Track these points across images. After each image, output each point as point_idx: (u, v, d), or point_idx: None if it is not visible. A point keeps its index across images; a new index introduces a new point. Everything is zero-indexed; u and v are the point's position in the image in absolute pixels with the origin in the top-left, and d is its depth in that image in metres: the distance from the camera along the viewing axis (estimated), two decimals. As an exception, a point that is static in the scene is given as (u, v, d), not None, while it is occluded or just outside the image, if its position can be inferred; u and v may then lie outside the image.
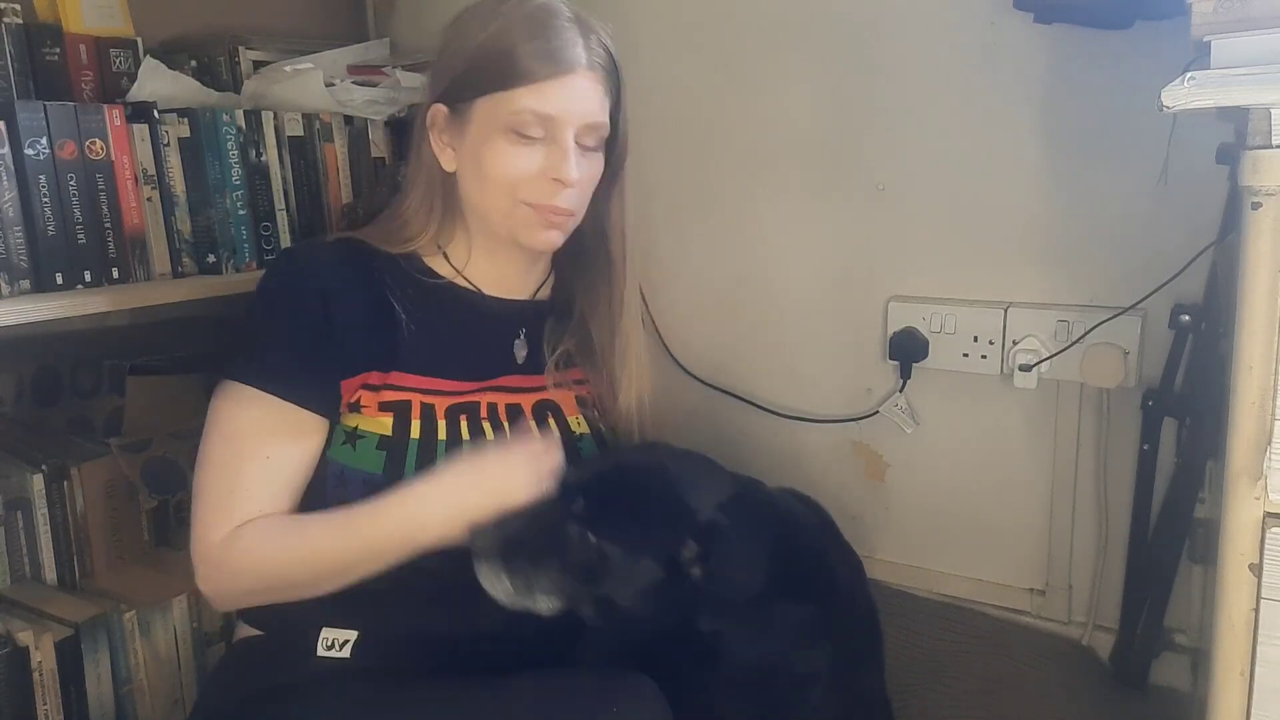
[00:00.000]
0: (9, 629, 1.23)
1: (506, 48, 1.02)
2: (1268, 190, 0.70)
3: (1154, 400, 1.30)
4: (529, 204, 1.05)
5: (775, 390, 1.64)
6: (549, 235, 1.09)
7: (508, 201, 1.06)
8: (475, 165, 1.06)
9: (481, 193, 1.07)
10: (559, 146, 1.04)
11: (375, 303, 1.05)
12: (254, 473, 0.99)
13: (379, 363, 1.04)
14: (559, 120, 1.03)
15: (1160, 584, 1.30)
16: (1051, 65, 1.32)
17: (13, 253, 1.18)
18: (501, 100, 1.03)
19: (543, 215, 1.06)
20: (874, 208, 1.50)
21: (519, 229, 1.08)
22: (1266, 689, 0.75)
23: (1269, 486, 0.73)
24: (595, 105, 1.06)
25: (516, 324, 1.16)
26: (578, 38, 1.04)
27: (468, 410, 1.08)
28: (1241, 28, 0.73)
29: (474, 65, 1.04)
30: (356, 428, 1.04)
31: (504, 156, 1.04)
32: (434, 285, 1.11)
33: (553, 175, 1.04)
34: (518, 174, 1.04)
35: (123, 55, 1.41)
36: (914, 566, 1.57)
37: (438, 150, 1.09)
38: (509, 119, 1.03)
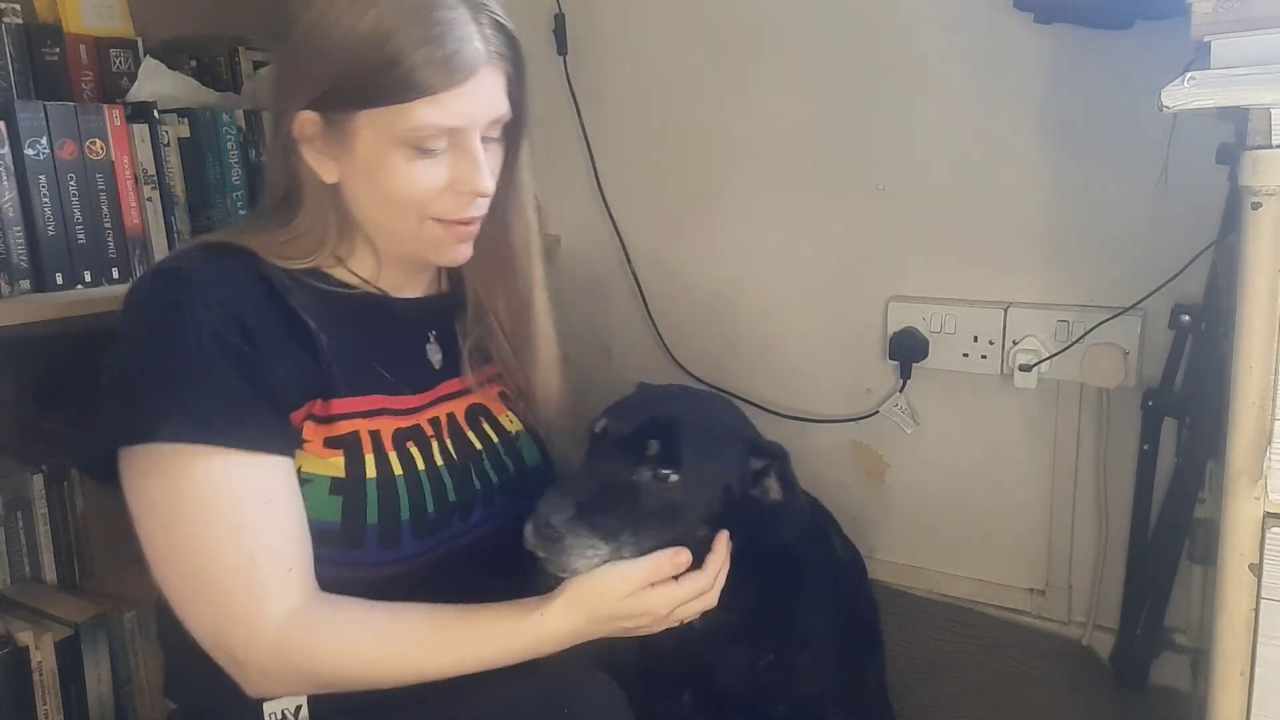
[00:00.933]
0: (9, 629, 1.23)
1: (392, 55, 0.84)
2: (1268, 190, 0.70)
3: (1154, 400, 1.30)
4: (439, 220, 0.93)
5: (775, 390, 1.64)
6: (461, 250, 0.97)
7: (414, 221, 0.92)
8: (369, 183, 0.91)
9: (381, 211, 0.93)
10: (468, 155, 0.90)
11: (287, 316, 0.89)
12: (262, 526, 0.83)
13: (318, 389, 0.90)
14: (465, 129, 0.89)
15: (1160, 584, 1.30)
16: (1051, 65, 1.32)
17: (13, 253, 1.18)
18: (394, 115, 0.86)
19: (453, 231, 0.94)
20: (874, 208, 1.50)
21: (427, 248, 0.95)
22: (1266, 689, 0.75)
23: (1269, 486, 0.73)
24: (499, 99, 0.92)
25: (425, 325, 1.04)
26: (471, 26, 0.88)
27: (413, 435, 0.96)
28: (1241, 28, 0.73)
29: (351, 73, 0.86)
30: (301, 469, 0.88)
31: (405, 175, 0.89)
32: (337, 294, 0.95)
33: (465, 189, 0.91)
34: (424, 192, 0.90)
35: (123, 55, 1.41)
36: (914, 566, 1.57)
37: (314, 163, 0.91)
38: (406, 135, 0.87)
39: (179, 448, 0.81)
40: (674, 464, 0.89)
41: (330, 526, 0.88)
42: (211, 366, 0.83)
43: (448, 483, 0.96)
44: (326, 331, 0.90)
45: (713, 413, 0.98)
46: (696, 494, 0.90)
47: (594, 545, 0.86)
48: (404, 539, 0.91)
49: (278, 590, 0.82)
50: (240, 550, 0.82)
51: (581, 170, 1.74)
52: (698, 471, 0.90)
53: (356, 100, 0.87)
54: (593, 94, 1.71)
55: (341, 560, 0.88)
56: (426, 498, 0.94)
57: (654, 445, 0.89)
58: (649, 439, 0.90)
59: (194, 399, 0.82)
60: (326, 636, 0.83)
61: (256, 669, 0.83)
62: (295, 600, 0.83)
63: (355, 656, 0.84)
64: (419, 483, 0.94)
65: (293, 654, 0.83)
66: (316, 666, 0.83)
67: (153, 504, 0.83)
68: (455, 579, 0.93)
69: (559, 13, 1.68)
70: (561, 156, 1.76)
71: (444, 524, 0.95)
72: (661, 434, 0.90)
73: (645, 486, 0.89)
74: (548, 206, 1.83)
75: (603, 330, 1.81)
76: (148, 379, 0.83)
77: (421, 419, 0.98)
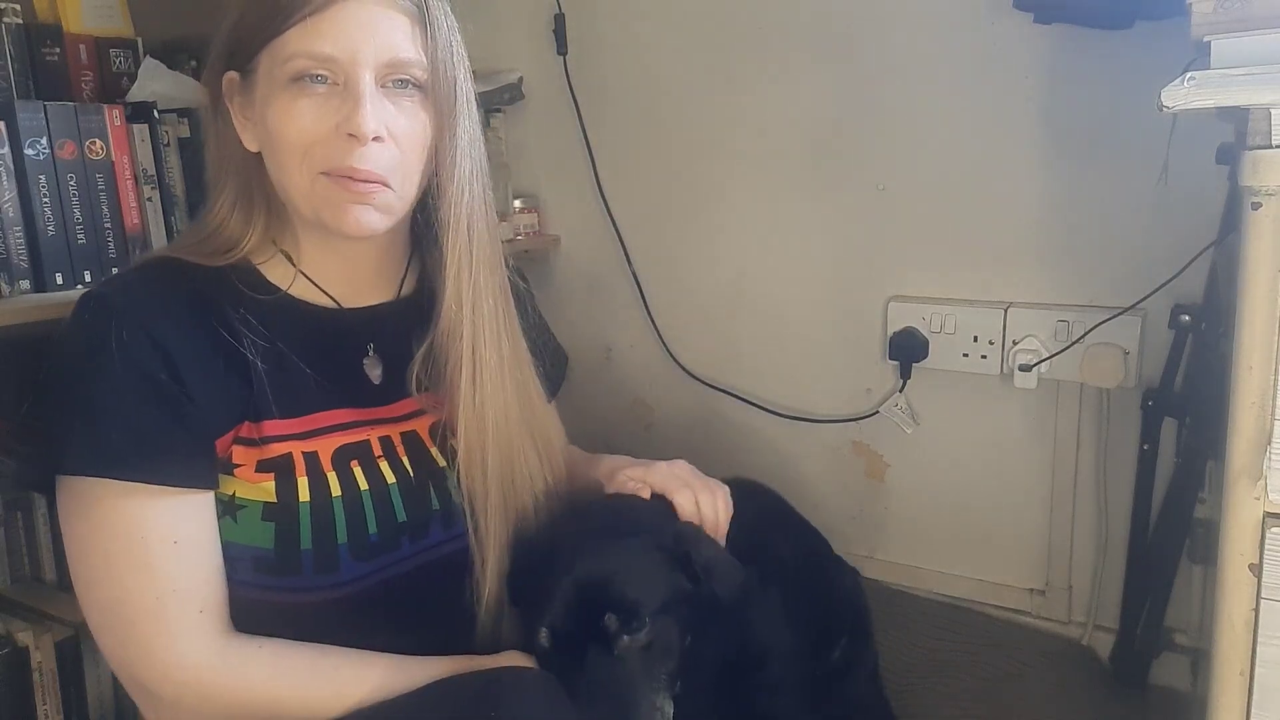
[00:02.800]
0: (9, 629, 1.23)
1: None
2: (1268, 190, 0.70)
3: (1154, 400, 1.30)
4: (324, 172, 0.84)
5: (775, 390, 1.64)
6: (359, 214, 0.86)
7: (303, 173, 0.85)
8: (265, 135, 0.86)
9: (277, 169, 0.86)
10: (351, 94, 0.82)
11: (217, 340, 0.85)
12: (170, 567, 0.80)
13: (246, 411, 0.86)
14: (343, 60, 0.82)
15: (1160, 584, 1.30)
16: (1051, 65, 1.32)
17: (13, 253, 1.18)
18: (276, 50, 0.83)
19: (344, 187, 0.84)
20: (874, 207, 1.50)
21: (322, 207, 0.86)
22: (1266, 689, 0.75)
23: (1269, 486, 0.73)
24: (395, 38, 0.84)
25: (364, 338, 0.95)
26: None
27: (359, 453, 0.90)
28: (1241, 28, 0.73)
29: (244, 12, 0.85)
30: (235, 495, 0.85)
31: (286, 114, 0.83)
32: (275, 302, 0.90)
33: (344, 129, 0.82)
34: (304, 133, 0.83)
35: (123, 55, 1.41)
36: (914, 566, 1.57)
37: (240, 128, 0.87)
38: (286, 69, 0.83)
39: (91, 481, 0.79)
40: (635, 622, 0.87)
41: (265, 553, 0.85)
42: (127, 399, 0.80)
43: (396, 503, 0.91)
44: (260, 349, 0.86)
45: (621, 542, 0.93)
46: (666, 617, 0.89)
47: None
48: (342, 563, 0.87)
49: (189, 632, 0.81)
50: (148, 592, 0.80)
51: (581, 170, 1.74)
52: (651, 599, 0.88)
53: (252, 41, 0.85)
54: (593, 94, 1.71)
55: (280, 586, 0.86)
56: (368, 519, 0.89)
57: (612, 620, 0.86)
58: (599, 617, 0.87)
59: (106, 433, 0.80)
60: (254, 670, 0.82)
61: (171, 704, 0.82)
62: (209, 641, 0.82)
63: (284, 691, 0.82)
64: (359, 504, 0.89)
65: (210, 693, 0.81)
66: (240, 702, 0.82)
67: (70, 534, 0.82)
68: (408, 601, 0.91)
69: (559, 13, 1.68)
70: (561, 156, 1.77)
71: (390, 546, 0.90)
72: (608, 604, 0.87)
73: (632, 652, 0.87)
74: (548, 206, 1.83)
75: (603, 330, 1.81)
76: (66, 410, 0.81)
77: (371, 435, 0.92)
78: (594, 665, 0.85)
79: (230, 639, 0.84)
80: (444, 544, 0.95)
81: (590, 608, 0.87)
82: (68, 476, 0.81)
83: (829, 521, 1.61)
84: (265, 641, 0.84)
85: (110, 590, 0.81)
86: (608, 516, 0.98)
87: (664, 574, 0.90)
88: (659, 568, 0.91)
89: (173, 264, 0.88)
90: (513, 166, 1.78)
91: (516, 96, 1.77)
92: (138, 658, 0.81)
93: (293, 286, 0.92)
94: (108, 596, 0.81)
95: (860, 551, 1.61)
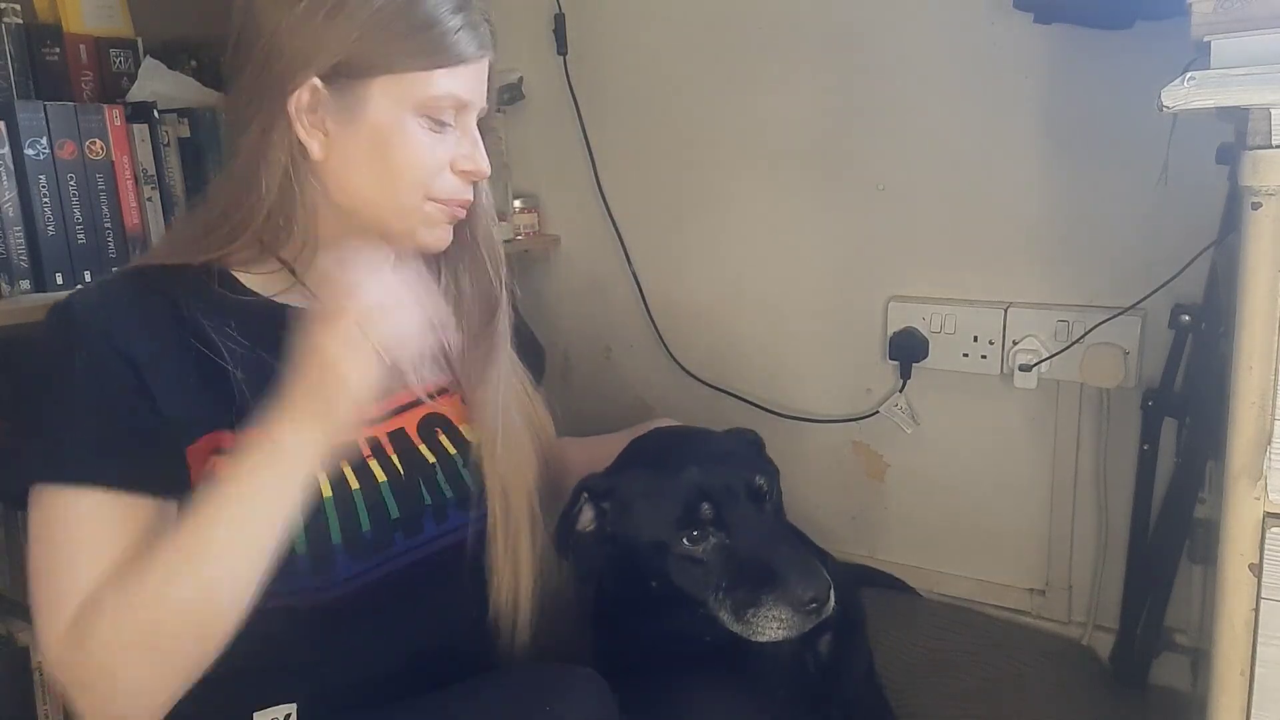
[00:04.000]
0: (9, 629, 1.23)
1: (426, 17, 0.86)
2: (1268, 190, 0.70)
3: (1154, 400, 1.30)
4: (437, 200, 0.91)
5: (775, 390, 1.64)
6: (444, 233, 0.95)
7: (416, 198, 0.90)
8: (373, 155, 0.88)
9: (379, 187, 0.89)
10: (467, 135, 0.92)
11: (190, 351, 0.85)
12: (85, 563, 0.77)
13: (224, 420, 0.85)
14: (471, 108, 0.92)
15: (1160, 584, 1.30)
16: (1051, 65, 1.32)
17: (13, 253, 1.18)
18: (414, 82, 0.86)
19: (447, 212, 0.93)
20: (874, 207, 1.50)
21: (419, 227, 0.92)
22: (1266, 689, 0.75)
23: (1269, 486, 0.73)
24: (488, 86, 0.95)
25: None
26: (475, 12, 0.91)
27: (347, 454, 0.89)
28: (1241, 28, 0.73)
29: (378, 35, 0.85)
30: None
31: (419, 147, 0.88)
32: (256, 308, 0.90)
33: (466, 167, 0.92)
34: (431, 166, 0.90)
35: (123, 55, 1.41)
36: (914, 566, 1.57)
37: (306, 134, 0.87)
38: (424, 103, 0.87)
39: (53, 490, 0.79)
40: (775, 483, 0.95)
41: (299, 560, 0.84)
42: (84, 408, 0.80)
43: (389, 499, 0.92)
44: (240, 359, 0.86)
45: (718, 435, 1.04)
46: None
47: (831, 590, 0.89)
48: (338, 562, 0.87)
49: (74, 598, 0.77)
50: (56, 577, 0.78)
51: (581, 170, 1.74)
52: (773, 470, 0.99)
53: (379, 65, 0.86)
54: (593, 94, 1.71)
55: (276, 591, 0.82)
56: (361, 517, 0.89)
57: (758, 480, 0.93)
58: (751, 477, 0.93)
59: (70, 437, 0.80)
60: (89, 611, 0.76)
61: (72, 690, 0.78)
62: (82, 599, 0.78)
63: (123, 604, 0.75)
64: (351, 502, 0.89)
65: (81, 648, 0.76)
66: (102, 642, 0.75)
67: (33, 540, 0.81)
68: (404, 596, 0.91)
69: (559, 13, 1.68)
70: (561, 156, 1.77)
71: (385, 543, 0.91)
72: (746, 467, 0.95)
73: (777, 510, 0.95)
74: (548, 206, 1.83)
75: (603, 330, 1.81)
76: (29, 422, 0.82)
77: (359, 436, 0.91)
78: (753, 522, 0.91)
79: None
80: (437, 539, 0.95)
81: (740, 472, 0.93)
82: (33, 485, 0.80)
83: (829, 521, 1.62)
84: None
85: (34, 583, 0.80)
86: (679, 434, 1.05)
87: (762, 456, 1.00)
88: (756, 450, 1.01)
89: (148, 273, 0.88)
90: (513, 166, 1.78)
91: (516, 96, 1.77)
92: (41, 640, 0.80)
93: (281, 294, 0.92)
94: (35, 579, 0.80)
95: (860, 551, 1.61)
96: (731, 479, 0.93)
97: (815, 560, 0.89)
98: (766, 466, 0.99)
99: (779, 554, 0.89)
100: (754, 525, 0.92)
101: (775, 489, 0.96)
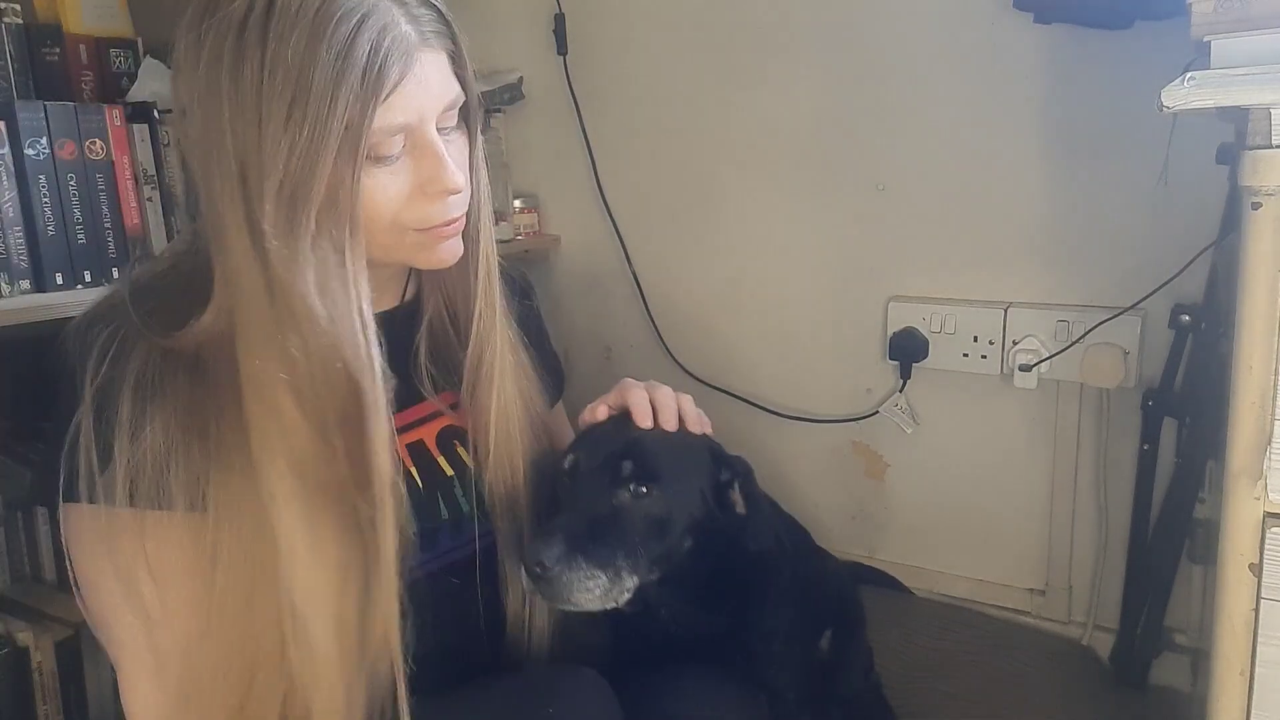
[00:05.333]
0: (9, 629, 1.23)
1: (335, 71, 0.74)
2: (1268, 190, 0.70)
3: (1154, 400, 1.30)
4: (418, 230, 0.83)
5: (775, 390, 1.64)
6: (446, 249, 0.86)
7: (392, 235, 0.83)
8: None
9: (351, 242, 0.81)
10: (429, 153, 0.80)
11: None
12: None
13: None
14: (413, 123, 0.79)
15: (1160, 584, 1.30)
16: (1051, 65, 1.32)
17: (13, 253, 1.18)
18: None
19: (435, 234, 0.84)
20: (874, 208, 1.50)
21: (411, 254, 0.86)
22: (1266, 689, 0.75)
23: (1269, 486, 0.73)
24: (446, 82, 0.82)
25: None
26: (395, 10, 0.77)
27: None
28: (1241, 28, 0.73)
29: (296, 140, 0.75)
30: None
31: (369, 193, 0.78)
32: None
33: (434, 189, 0.81)
34: (390, 204, 0.80)
35: (123, 55, 1.41)
36: (914, 566, 1.57)
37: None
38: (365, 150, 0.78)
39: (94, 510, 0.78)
40: (650, 479, 0.90)
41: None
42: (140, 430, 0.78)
43: (407, 513, 0.90)
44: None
45: (675, 433, 0.98)
46: (676, 504, 0.92)
47: (592, 575, 0.86)
48: None
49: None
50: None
51: (581, 170, 1.74)
52: (673, 481, 0.92)
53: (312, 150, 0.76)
54: (593, 94, 1.71)
55: None
56: None
57: (627, 466, 0.91)
58: (621, 461, 0.91)
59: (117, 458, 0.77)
60: None
61: None
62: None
63: None
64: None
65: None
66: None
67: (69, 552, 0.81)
68: (419, 609, 0.89)
69: (559, 13, 1.68)
70: (561, 156, 1.77)
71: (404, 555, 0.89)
72: (632, 454, 0.91)
73: (627, 507, 0.90)
74: (548, 206, 1.83)
75: (603, 330, 1.81)
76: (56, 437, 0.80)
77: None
78: (593, 498, 0.90)
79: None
80: (452, 551, 0.95)
81: (618, 454, 0.91)
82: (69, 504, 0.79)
83: (829, 521, 1.62)
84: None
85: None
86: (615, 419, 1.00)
87: (700, 479, 0.94)
88: (698, 471, 0.95)
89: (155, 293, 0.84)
90: (513, 166, 1.78)
91: (516, 96, 1.77)
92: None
93: None
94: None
95: (860, 551, 1.61)
96: (608, 451, 0.92)
97: (559, 535, 0.86)
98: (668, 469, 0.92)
99: (556, 522, 0.90)
100: (584, 501, 0.91)
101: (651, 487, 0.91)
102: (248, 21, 0.72)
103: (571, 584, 0.85)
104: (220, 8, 0.73)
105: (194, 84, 0.74)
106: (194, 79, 0.74)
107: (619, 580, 0.87)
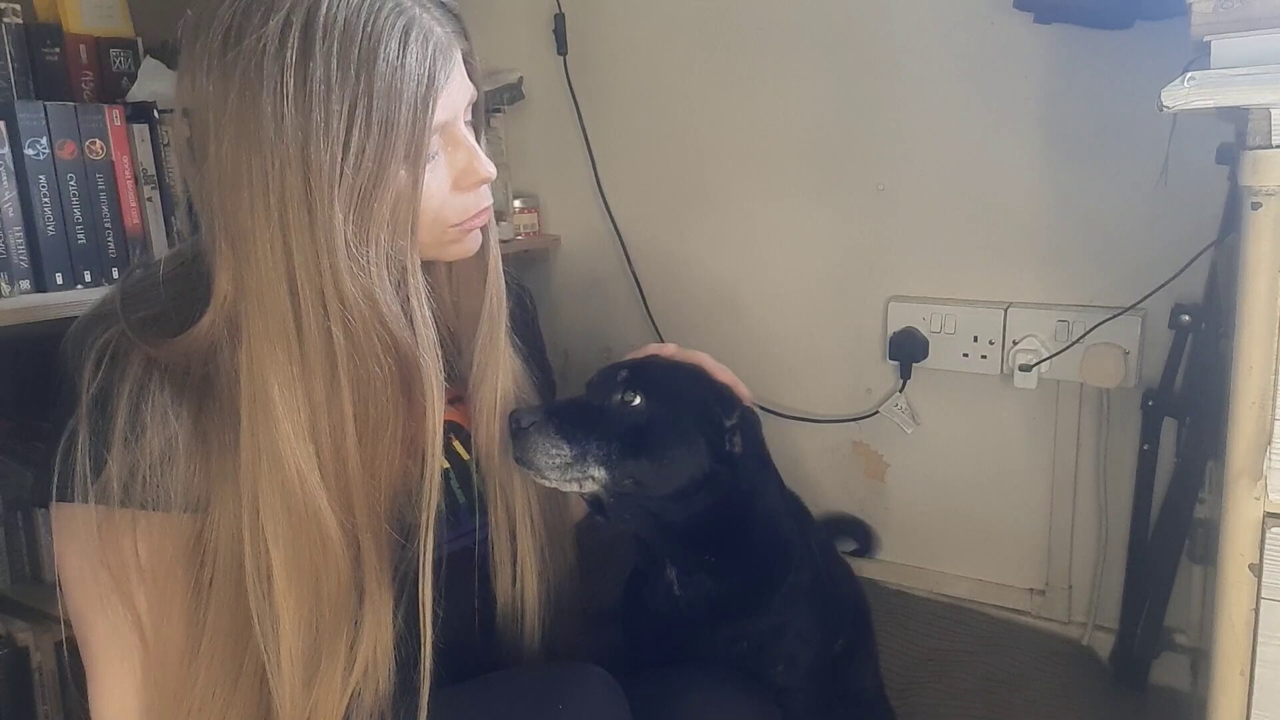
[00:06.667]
0: (9, 629, 1.23)
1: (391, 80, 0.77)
2: (1268, 190, 0.70)
3: (1154, 400, 1.30)
4: (456, 225, 0.86)
5: (775, 390, 1.64)
6: (475, 237, 0.90)
7: (433, 232, 0.85)
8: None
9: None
10: (461, 146, 0.83)
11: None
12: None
13: None
14: (454, 120, 0.82)
15: (1160, 584, 1.30)
16: (1051, 65, 1.32)
17: (13, 253, 1.18)
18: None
19: (467, 227, 0.87)
20: (874, 208, 1.50)
21: (441, 250, 0.88)
22: (1266, 689, 0.75)
23: (1269, 486, 0.73)
24: (466, 79, 0.84)
25: None
26: (424, 15, 0.78)
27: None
28: (1241, 28, 0.73)
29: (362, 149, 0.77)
30: None
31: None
32: None
33: (470, 180, 0.84)
34: (432, 201, 0.82)
35: (123, 55, 1.42)
36: (914, 566, 1.57)
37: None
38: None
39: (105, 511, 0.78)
40: (639, 388, 0.95)
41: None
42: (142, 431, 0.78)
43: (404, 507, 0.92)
44: None
45: (691, 369, 1.04)
46: (661, 421, 0.95)
47: (559, 446, 0.91)
48: None
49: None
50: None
51: (581, 170, 1.74)
52: (663, 400, 0.97)
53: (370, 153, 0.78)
54: (593, 94, 1.71)
55: None
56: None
57: (622, 373, 0.97)
58: (619, 370, 0.98)
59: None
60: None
61: None
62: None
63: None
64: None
65: None
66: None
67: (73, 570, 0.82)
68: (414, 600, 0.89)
69: (559, 13, 1.68)
70: (561, 156, 1.77)
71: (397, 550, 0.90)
72: (631, 367, 0.99)
73: (613, 408, 0.96)
74: (548, 206, 1.83)
75: (603, 330, 1.81)
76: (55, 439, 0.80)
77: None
78: (590, 398, 0.97)
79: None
80: (452, 543, 0.95)
81: (622, 367, 0.99)
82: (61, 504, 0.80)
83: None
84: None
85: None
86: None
87: (695, 411, 0.98)
88: (695, 403, 0.98)
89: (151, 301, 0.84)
90: (513, 166, 1.78)
91: (516, 96, 1.77)
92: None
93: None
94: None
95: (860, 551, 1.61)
96: (615, 372, 0.99)
97: (546, 408, 0.95)
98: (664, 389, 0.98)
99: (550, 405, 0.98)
100: (582, 399, 0.99)
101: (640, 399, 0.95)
102: (286, 43, 0.72)
103: (538, 446, 0.91)
104: (247, 34, 0.73)
105: (222, 109, 0.73)
106: (222, 105, 0.73)
107: (584, 462, 0.92)
